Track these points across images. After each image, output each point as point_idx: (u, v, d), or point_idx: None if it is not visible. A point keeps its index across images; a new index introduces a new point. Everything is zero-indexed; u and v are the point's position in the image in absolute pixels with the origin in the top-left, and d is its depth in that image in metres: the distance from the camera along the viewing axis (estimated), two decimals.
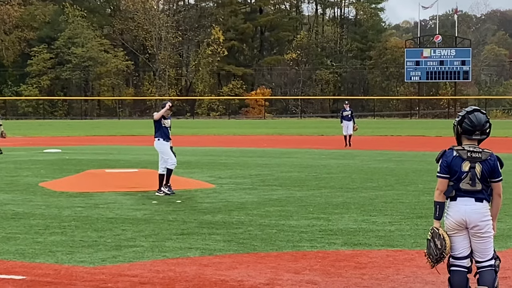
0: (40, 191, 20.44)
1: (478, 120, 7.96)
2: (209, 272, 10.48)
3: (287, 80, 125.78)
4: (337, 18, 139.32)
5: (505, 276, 10.01)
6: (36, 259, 11.40)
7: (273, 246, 12.43)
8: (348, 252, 11.98)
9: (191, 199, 18.78)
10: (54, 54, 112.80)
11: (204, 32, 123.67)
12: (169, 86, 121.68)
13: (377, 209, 16.79)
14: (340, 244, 12.61)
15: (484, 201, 7.88)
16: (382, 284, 9.84)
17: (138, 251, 12.01)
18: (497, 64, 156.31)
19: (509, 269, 10.55)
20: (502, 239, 12.64)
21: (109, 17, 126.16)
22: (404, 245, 12.59)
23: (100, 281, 9.98)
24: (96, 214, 16.03)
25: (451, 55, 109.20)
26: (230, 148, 41.53)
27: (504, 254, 11.38)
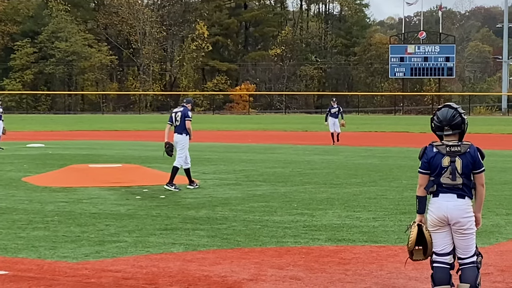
0: (23, 186, 20.39)
1: (444, 115, 8.00)
2: (193, 268, 10.48)
3: (272, 75, 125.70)
4: (322, 14, 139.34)
5: (488, 272, 10.05)
6: (18, 254, 11.38)
7: (257, 242, 12.44)
8: (331, 248, 12.00)
9: (174, 194, 18.74)
10: (38, 49, 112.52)
11: (188, 27, 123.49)
12: (153, 81, 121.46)
13: (361, 205, 16.81)
14: (324, 240, 12.64)
15: (466, 198, 7.90)
16: (365, 279, 9.87)
17: (121, 246, 12.00)
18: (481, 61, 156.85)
19: (492, 265, 10.59)
20: (485, 235, 12.68)
21: (93, 12, 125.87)
22: (387, 241, 12.62)
23: (83, 276, 9.97)
24: (79, 209, 15.99)
25: (435, 51, 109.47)
26: (214, 144, 41.52)
27: (487, 250, 11.42)
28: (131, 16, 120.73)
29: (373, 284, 9.66)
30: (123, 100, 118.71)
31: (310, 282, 9.71)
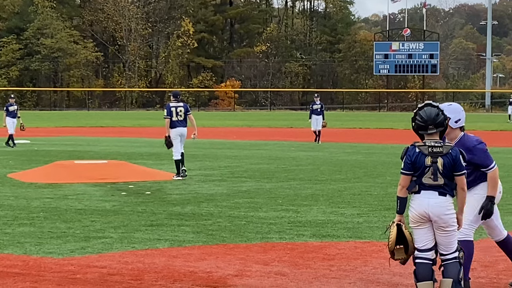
0: (9, 182, 20.32)
1: (428, 114, 7.94)
2: (178, 264, 10.47)
3: (257, 72, 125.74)
4: (307, 11, 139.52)
5: (471, 267, 10.07)
6: (4, 250, 11.35)
7: (242, 238, 12.44)
8: (316, 243, 12.02)
9: (160, 190, 18.75)
10: (23, 45, 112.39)
11: (174, 24, 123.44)
12: (138, 78, 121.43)
13: (345, 201, 16.84)
14: (309, 235, 12.65)
15: (447, 195, 7.91)
16: (350, 275, 9.88)
17: (107, 242, 11.98)
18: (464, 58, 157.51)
19: (475, 261, 10.60)
20: None
21: (78, 8, 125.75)
22: (372, 236, 12.64)
23: (69, 272, 9.94)
24: (65, 205, 15.95)
25: (420, 48, 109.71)
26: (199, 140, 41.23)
27: None
28: (117, 12, 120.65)
29: (358, 279, 9.67)
30: (109, 97, 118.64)
31: (295, 278, 9.72)
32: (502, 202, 16.44)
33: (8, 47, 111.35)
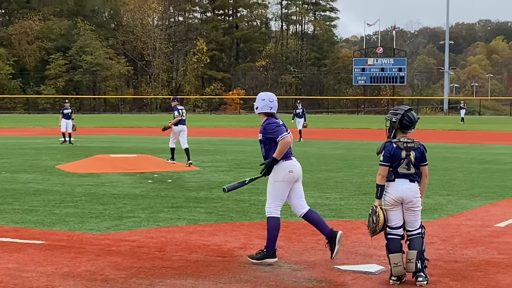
0: (56, 172, 20.36)
1: (414, 117, 8.10)
2: (194, 238, 10.50)
3: (258, 82, 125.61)
4: (298, 33, 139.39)
5: (432, 241, 10.09)
6: (53, 227, 11.38)
7: (246, 217, 12.47)
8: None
9: (179, 179, 18.76)
10: (68, 61, 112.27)
11: (190, 44, 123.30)
12: (162, 87, 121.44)
13: (330, 187, 16.85)
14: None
15: (416, 182, 8.01)
16: None
17: (136, 221, 12.01)
18: (427, 71, 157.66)
19: (436, 236, 10.63)
20: (430, 212, 12.74)
21: (113, 31, 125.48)
22: (351, 216, 12.65)
23: (105, 245, 9.97)
24: (102, 191, 15.99)
25: (390, 63, 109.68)
26: (211, 138, 41.52)
27: (432, 224, 11.48)
28: (144, 34, 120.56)
29: (340, 251, 9.67)
30: (138, 103, 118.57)
31: (289, 250, 9.76)
32: (456, 188, 16.52)
33: (56, 62, 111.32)
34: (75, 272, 8.41)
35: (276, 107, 9.47)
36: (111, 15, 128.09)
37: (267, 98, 9.46)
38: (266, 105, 9.41)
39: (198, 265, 8.84)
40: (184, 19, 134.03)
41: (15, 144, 34.01)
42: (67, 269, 8.55)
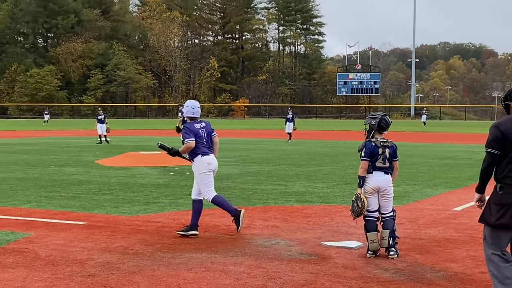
0: (96, 166, 20.38)
1: (389, 121, 8.21)
2: (207, 220, 10.50)
3: (259, 93, 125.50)
4: (293, 52, 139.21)
5: (401, 222, 10.09)
6: (93, 211, 11.39)
7: (249, 203, 12.43)
8: (299, 206, 12.02)
9: None
10: (105, 75, 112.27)
11: (204, 61, 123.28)
12: (181, 97, 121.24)
13: (318, 178, 16.82)
14: (294, 201, 12.65)
15: (389, 174, 8.04)
16: (321, 227, 9.89)
17: (160, 205, 12.00)
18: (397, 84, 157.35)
19: (404, 218, 10.63)
20: (399, 198, 12.73)
21: (141, 51, 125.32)
22: (335, 202, 12.63)
23: (136, 225, 9.98)
24: (133, 181, 15.96)
25: (367, 77, 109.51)
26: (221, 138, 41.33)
27: (401, 208, 11.48)
28: (167, 54, 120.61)
29: (326, 230, 9.69)
30: (162, 110, 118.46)
31: (284, 229, 9.74)
32: (421, 179, 16.50)
33: (95, 77, 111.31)
34: (111, 247, 8.43)
35: (198, 112, 9.75)
36: (140, 38, 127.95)
37: (190, 105, 9.73)
38: (189, 110, 9.68)
39: (211, 241, 8.85)
40: (200, 42, 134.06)
41: (62, 143, 34.03)
42: (104, 244, 8.56)
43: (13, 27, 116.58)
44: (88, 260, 7.67)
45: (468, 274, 7.22)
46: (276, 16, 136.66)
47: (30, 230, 9.48)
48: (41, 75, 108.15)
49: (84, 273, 7.08)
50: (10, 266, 7.40)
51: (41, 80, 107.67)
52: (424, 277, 7.09)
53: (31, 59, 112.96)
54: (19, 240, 8.82)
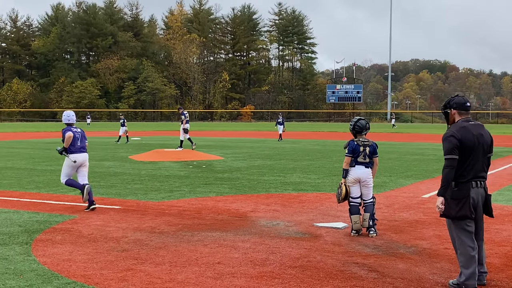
0: (129, 161, 20.35)
1: (363, 124, 8.10)
2: (220, 205, 10.48)
3: (263, 101, 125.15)
4: (290, 67, 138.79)
5: (379, 207, 10.06)
6: (126, 197, 11.38)
7: (255, 191, 12.42)
8: (295, 194, 12.00)
9: (211, 165, 18.70)
10: (136, 86, 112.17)
11: (218, 75, 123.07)
12: (198, 104, 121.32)
13: (311, 171, 16.78)
14: (291, 190, 12.63)
15: (369, 168, 7.99)
16: (313, 211, 9.87)
17: (182, 193, 11.98)
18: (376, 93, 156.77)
19: (382, 204, 10.61)
20: (378, 187, 12.69)
21: (166, 66, 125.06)
22: (325, 190, 12.60)
23: (161, 209, 9.97)
24: (159, 173, 15.95)
25: (351, 88, 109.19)
26: (232, 138, 41.44)
27: (379, 195, 11.44)
28: (187, 69, 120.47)
29: (317, 213, 9.67)
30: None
31: (283, 212, 9.72)
32: (395, 171, 16.44)
33: (128, 87, 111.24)
34: (141, 227, 8.42)
35: (73, 120, 10.07)
36: (165, 56, 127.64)
37: (66, 114, 10.15)
38: (66, 118, 10.07)
39: (223, 222, 8.83)
40: (214, 59, 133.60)
41: (101, 142, 34.03)
42: (136, 225, 8.56)
43: (61, 47, 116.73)
44: (123, 238, 7.68)
45: (434, 250, 7.20)
46: (276, 38, 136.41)
47: (75, 213, 9.49)
48: (84, 86, 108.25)
49: (119, 248, 7.09)
50: (59, 242, 7.41)
51: (84, 90, 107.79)
52: (398, 252, 7.07)
53: (76, 73, 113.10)
54: (66, 221, 8.83)
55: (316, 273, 6.05)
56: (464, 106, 5.66)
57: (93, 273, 5.99)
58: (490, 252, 7.01)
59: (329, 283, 5.70)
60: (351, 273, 6.09)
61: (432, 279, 5.88)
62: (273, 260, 6.56)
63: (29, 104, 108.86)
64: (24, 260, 6.48)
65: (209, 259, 6.60)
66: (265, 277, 5.90)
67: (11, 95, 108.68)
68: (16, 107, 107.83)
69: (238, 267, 6.27)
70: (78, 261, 6.45)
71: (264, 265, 6.35)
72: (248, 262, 6.48)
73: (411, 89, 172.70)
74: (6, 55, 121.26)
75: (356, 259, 6.69)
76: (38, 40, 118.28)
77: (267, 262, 6.49)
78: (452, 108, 5.68)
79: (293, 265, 6.36)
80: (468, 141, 5.45)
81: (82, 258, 6.60)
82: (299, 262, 6.51)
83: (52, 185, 13.12)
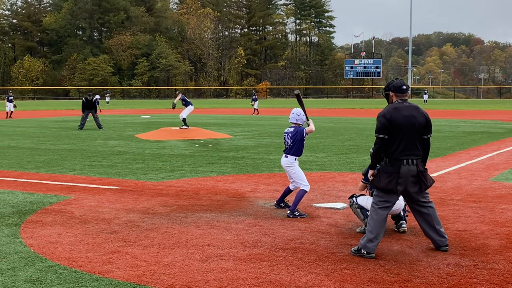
0: (135, 139, 20.37)
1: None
2: (220, 185, 10.47)
3: (279, 77, 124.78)
4: (307, 42, 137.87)
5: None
6: (125, 177, 11.39)
7: (258, 170, 12.36)
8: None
9: (217, 143, 18.69)
10: (150, 63, 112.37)
11: (233, 50, 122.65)
12: (213, 81, 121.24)
13: (319, 149, 16.65)
14: None
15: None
16: (314, 191, 9.80)
17: (183, 172, 11.98)
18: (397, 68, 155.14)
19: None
20: None
21: (180, 42, 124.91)
22: (331, 169, 12.50)
23: (159, 189, 9.98)
24: (163, 152, 15.96)
25: (370, 63, 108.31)
26: (244, 116, 41.39)
27: None
28: (201, 44, 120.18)
29: (318, 193, 9.61)
30: (197, 91, 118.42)
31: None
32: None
33: (142, 64, 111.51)
34: (135, 208, 8.44)
35: None
36: (179, 31, 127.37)
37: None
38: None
39: (220, 203, 8.81)
40: (229, 34, 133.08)
41: (109, 120, 34.17)
42: (130, 206, 8.58)
43: (73, 23, 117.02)
44: (114, 219, 7.70)
45: None
46: (293, 11, 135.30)
47: (70, 194, 9.54)
48: (97, 63, 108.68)
49: (109, 230, 7.11)
50: (49, 224, 7.46)
51: (96, 67, 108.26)
52: (396, 233, 7.00)
53: (88, 49, 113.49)
54: (60, 202, 8.88)
55: (307, 255, 6.01)
56: (400, 89, 6.17)
57: (78, 255, 6.02)
58: (491, 233, 6.91)
59: (319, 266, 5.67)
60: (343, 255, 6.04)
61: (426, 262, 5.81)
62: (265, 242, 6.54)
63: (41, 82, 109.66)
64: (10, 242, 6.53)
65: (199, 241, 6.60)
66: (253, 259, 5.88)
67: (23, 73, 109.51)
68: (28, 84, 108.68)
69: (227, 249, 6.26)
70: (65, 243, 6.48)
71: (255, 247, 6.33)
72: (239, 244, 6.47)
73: (433, 63, 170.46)
74: (18, 32, 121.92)
75: (350, 240, 6.63)
76: (49, 16, 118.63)
77: (258, 244, 6.47)
78: (390, 91, 6.22)
79: (285, 247, 6.33)
80: (397, 121, 5.91)
81: (70, 240, 6.64)
82: (291, 244, 6.48)
83: (52, 165, 13.20)
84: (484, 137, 20.91)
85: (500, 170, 12.35)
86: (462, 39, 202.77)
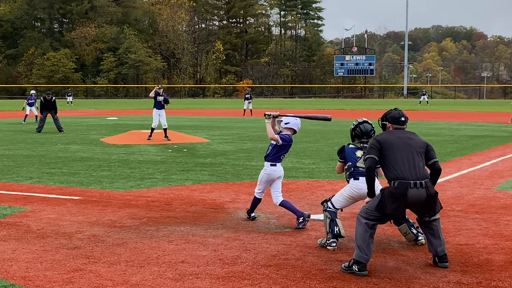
0: (100, 144, 20.25)
1: (366, 129, 7.30)
2: (196, 194, 10.45)
3: (262, 74, 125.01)
4: (293, 36, 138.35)
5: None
6: (89, 186, 11.32)
7: (238, 178, 12.38)
8: (284, 181, 11.68)
9: (193, 148, 18.64)
10: (117, 58, 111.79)
11: (210, 45, 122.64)
12: (188, 78, 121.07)
13: (306, 155, 16.72)
14: None
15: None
16: (301, 201, 9.85)
17: (154, 181, 11.94)
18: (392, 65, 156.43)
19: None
20: None
21: (151, 35, 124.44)
22: (319, 177, 12.57)
23: (127, 200, 9.94)
24: (132, 158, 15.88)
25: (363, 59, 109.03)
26: (223, 117, 41.37)
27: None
28: (175, 38, 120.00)
29: (305, 203, 9.65)
30: (171, 90, 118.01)
31: (266, 203, 9.64)
32: None
33: (108, 60, 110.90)
34: (100, 221, 8.39)
35: None
36: (150, 23, 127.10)
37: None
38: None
39: (195, 215, 8.80)
40: (206, 26, 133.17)
41: (71, 122, 33.90)
42: (94, 218, 8.53)
43: (31, 13, 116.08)
44: (77, 233, 7.64)
45: None
46: (277, 2, 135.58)
47: (27, 205, 9.45)
48: (57, 58, 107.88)
49: (71, 246, 7.05)
50: (2, 239, 7.38)
51: (57, 63, 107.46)
52: (390, 247, 7.04)
53: (47, 43, 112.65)
54: (15, 214, 8.79)
55: (292, 273, 6.02)
56: (398, 121, 6.38)
57: (35, 274, 5.96)
58: (495, 248, 6.99)
59: (306, 284, 5.68)
60: (332, 272, 6.07)
61: (424, 280, 5.85)
62: (246, 258, 6.54)
63: None
64: None
65: (172, 257, 6.57)
66: (233, 277, 5.88)
67: None
68: None
69: (204, 266, 6.25)
70: (21, 261, 6.42)
71: (234, 264, 6.32)
72: (217, 260, 6.46)
73: (432, 60, 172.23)
74: None
75: (340, 256, 6.66)
76: (3, 6, 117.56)
77: (238, 260, 6.47)
78: (387, 122, 6.44)
79: (268, 264, 6.33)
80: (388, 140, 6.12)
81: (26, 257, 6.57)
82: (275, 260, 6.48)
83: (6, 173, 13.07)
84: (487, 141, 21.15)
85: (505, 177, 12.50)
86: (463, 33, 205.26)
